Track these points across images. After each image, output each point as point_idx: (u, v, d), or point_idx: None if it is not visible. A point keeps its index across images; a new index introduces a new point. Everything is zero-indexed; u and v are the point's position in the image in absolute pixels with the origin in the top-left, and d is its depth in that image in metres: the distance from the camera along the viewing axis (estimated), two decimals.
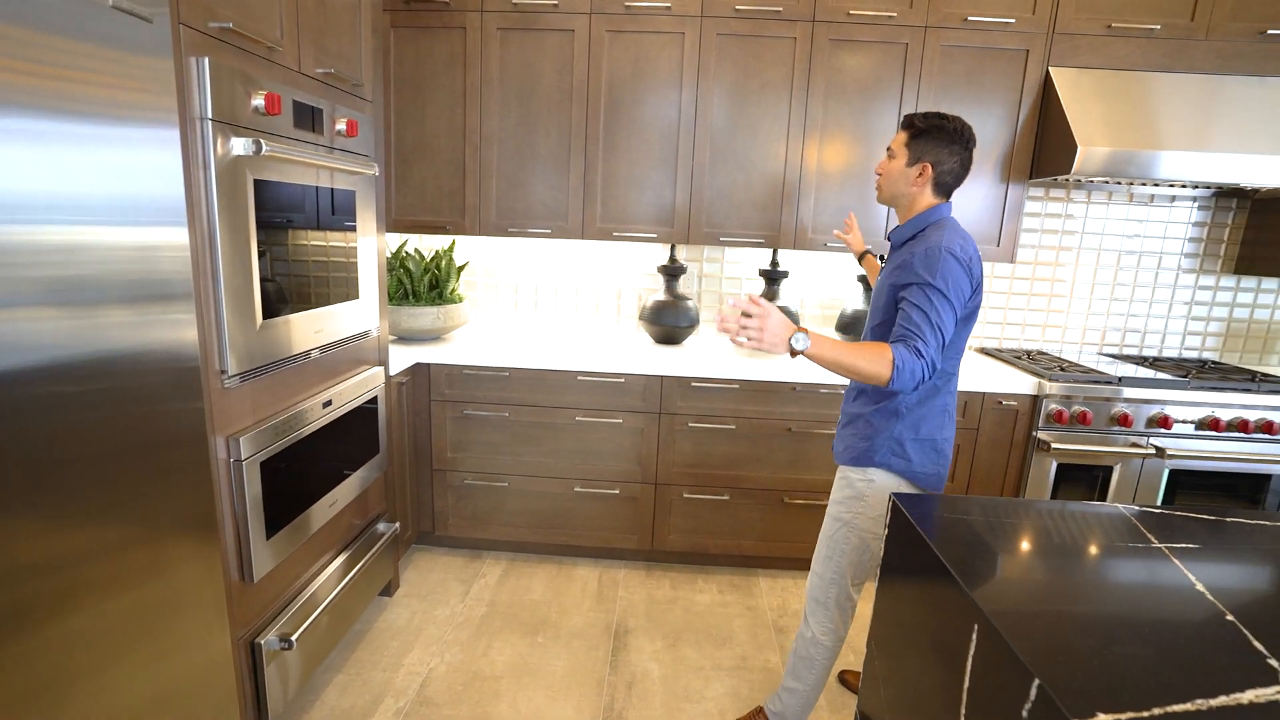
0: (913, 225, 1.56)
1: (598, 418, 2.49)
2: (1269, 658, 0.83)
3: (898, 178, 1.57)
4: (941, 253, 1.43)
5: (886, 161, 1.60)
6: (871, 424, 1.61)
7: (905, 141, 1.56)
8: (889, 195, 1.62)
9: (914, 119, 1.55)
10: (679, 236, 2.62)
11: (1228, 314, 2.91)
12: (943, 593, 1.04)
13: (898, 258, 1.54)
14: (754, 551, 2.60)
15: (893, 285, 1.51)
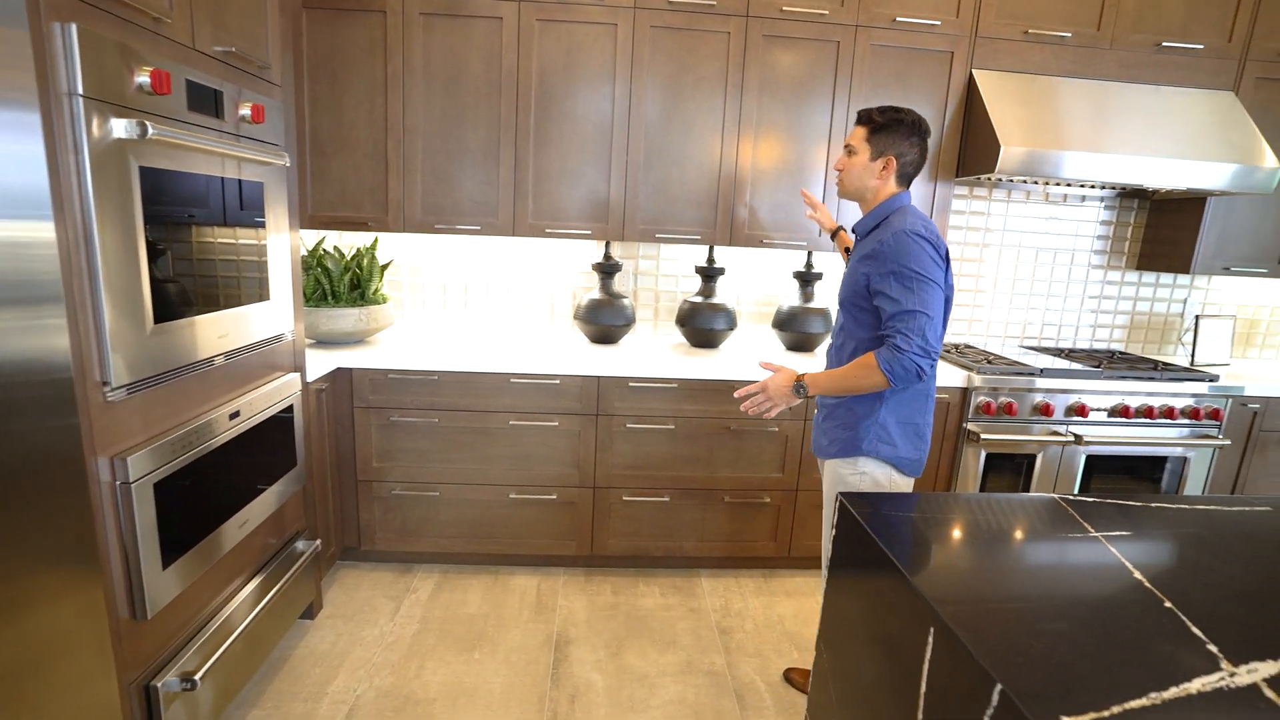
0: (875, 215, 1.60)
1: (533, 421, 2.40)
2: (1208, 643, 0.84)
3: (861, 172, 1.60)
4: (907, 236, 1.47)
5: (847, 158, 1.62)
6: (854, 411, 1.62)
7: (865, 137, 1.58)
8: (853, 190, 1.64)
9: (871, 114, 1.58)
10: (614, 234, 2.56)
11: (1131, 307, 3.09)
12: (895, 594, 1.02)
13: (865, 247, 1.58)
14: (696, 553, 2.57)
15: (865, 274, 1.54)
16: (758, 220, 2.59)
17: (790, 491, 2.54)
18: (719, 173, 2.53)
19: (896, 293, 1.46)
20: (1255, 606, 0.95)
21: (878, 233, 1.55)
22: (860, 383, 1.51)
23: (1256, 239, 2.74)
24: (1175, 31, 2.53)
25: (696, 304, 2.70)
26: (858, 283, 1.57)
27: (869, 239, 1.58)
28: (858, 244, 1.65)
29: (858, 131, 1.61)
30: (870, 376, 1.49)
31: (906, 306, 1.45)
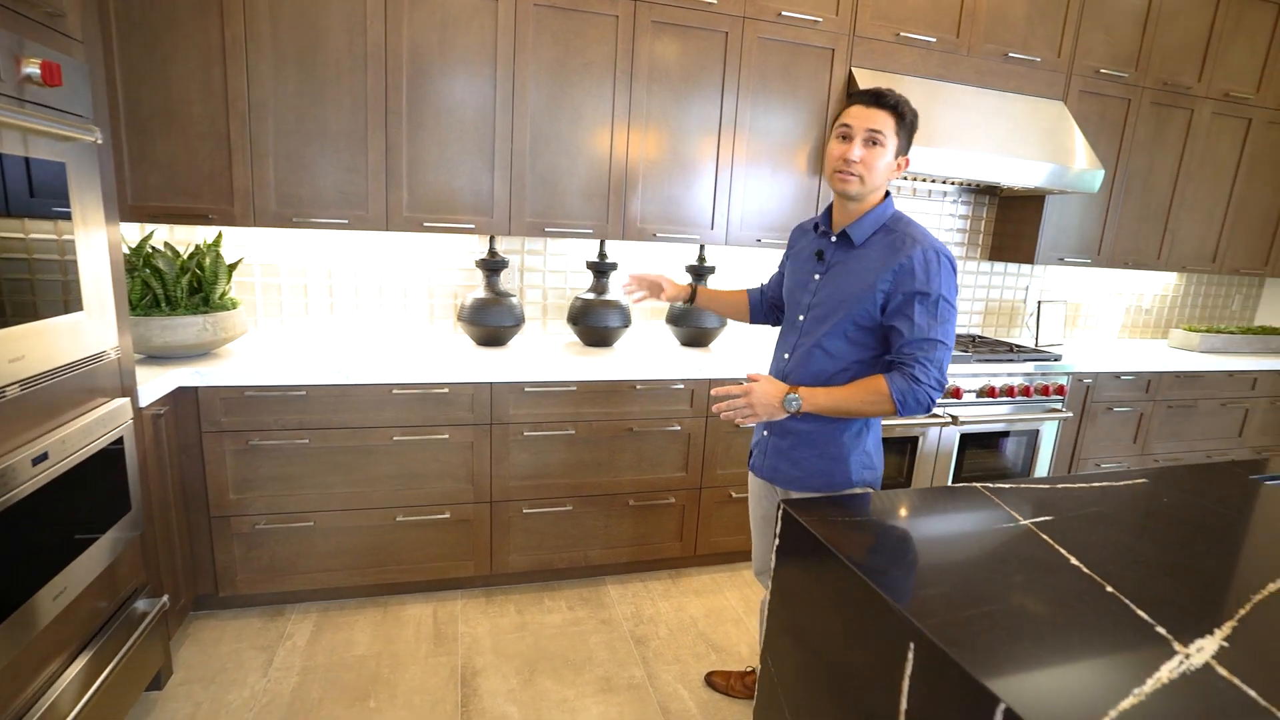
0: (874, 219, 1.40)
1: (420, 435, 2.17)
2: (1156, 626, 0.88)
3: (884, 170, 1.36)
4: (938, 257, 1.32)
5: (870, 149, 1.34)
6: (841, 443, 1.46)
7: (896, 129, 1.35)
8: (868, 189, 1.37)
9: (897, 103, 1.34)
10: (500, 228, 2.37)
11: (985, 294, 3.39)
12: (861, 608, 0.98)
13: (870, 255, 1.38)
14: (601, 560, 2.47)
15: (884, 292, 1.35)
16: (650, 214, 2.51)
17: (694, 490, 2.51)
18: (610, 164, 2.43)
19: (921, 318, 1.31)
20: (1176, 581, 1.01)
21: (883, 240, 1.38)
22: (863, 408, 1.35)
23: (1082, 233, 3.08)
24: (1018, 44, 2.77)
25: (589, 301, 2.58)
26: (866, 298, 1.36)
27: (869, 246, 1.39)
28: (847, 249, 1.43)
29: (885, 119, 1.33)
30: (878, 404, 1.33)
31: (930, 335, 1.31)
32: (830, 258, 1.46)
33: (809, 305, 1.48)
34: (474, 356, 2.31)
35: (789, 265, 1.63)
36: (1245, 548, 1.16)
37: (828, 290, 1.44)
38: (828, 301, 1.43)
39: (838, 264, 1.44)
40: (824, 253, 1.47)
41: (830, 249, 1.46)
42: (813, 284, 1.48)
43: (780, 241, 2.65)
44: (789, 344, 1.53)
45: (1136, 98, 2.98)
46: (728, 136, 2.51)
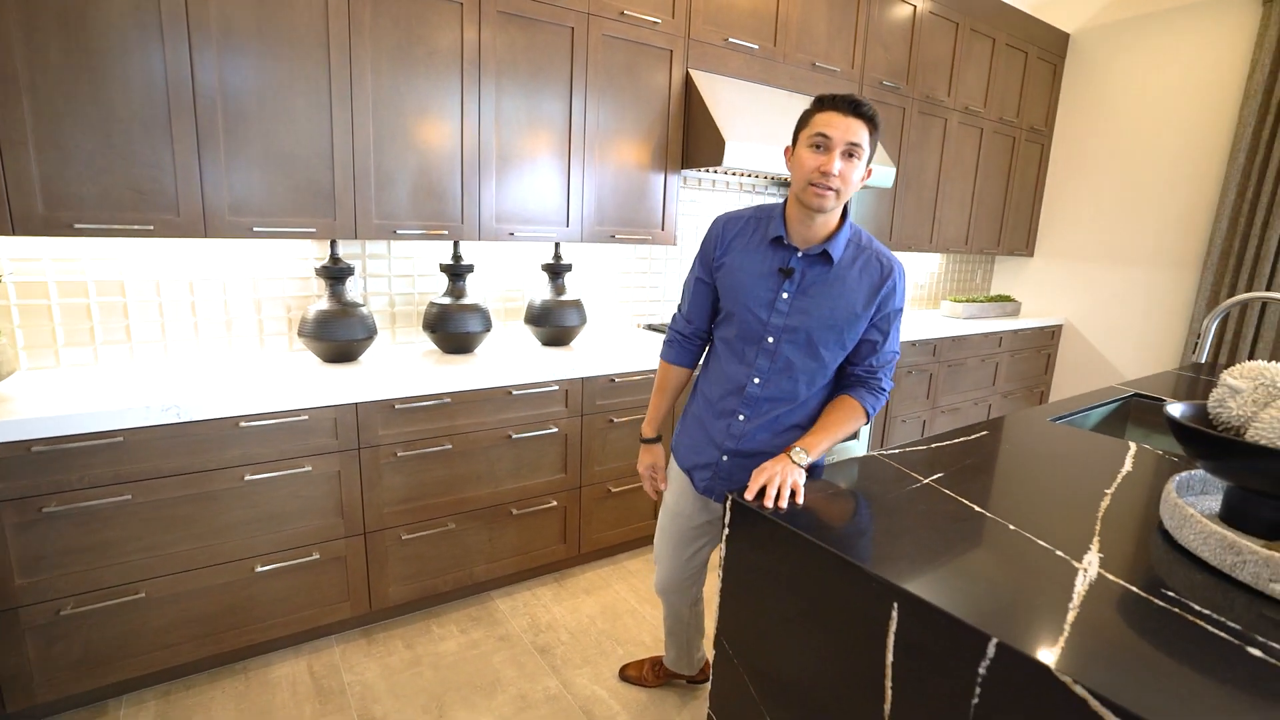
0: (845, 237, 1.38)
1: (278, 470, 1.90)
2: (1055, 550, 1.08)
3: (858, 185, 1.32)
4: (901, 274, 1.40)
5: (848, 163, 1.28)
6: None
7: (869, 140, 1.29)
8: (841, 203, 1.33)
9: (873, 114, 1.28)
10: (344, 231, 2.14)
11: None
12: (834, 580, 1.06)
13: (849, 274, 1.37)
14: (487, 575, 2.36)
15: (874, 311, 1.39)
16: (506, 212, 2.43)
17: (575, 490, 2.50)
18: (462, 161, 2.30)
19: (894, 334, 1.42)
20: (1048, 511, 1.24)
21: (856, 260, 1.38)
22: (849, 432, 1.42)
23: (877, 223, 3.57)
24: (822, 55, 3.11)
25: (446, 306, 2.43)
26: (859, 320, 1.38)
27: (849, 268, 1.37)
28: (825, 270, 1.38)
29: (863, 130, 1.27)
30: (857, 423, 1.42)
31: (893, 348, 1.44)
32: (804, 276, 1.38)
33: (781, 327, 1.39)
34: (326, 376, 2.06)
35: (736, 277, 1.45)
36: (1071, 473, 1.46)
37: (810, 311, 1.38)
38: (813, 325, 1.38)
39: (817, 284, 1.37)
40: (794, 270, 1.37)
41: (802, 265, 1.38)
42: (780, 301, 1.39)
43: (632, 236, 2.72)
44: (761, 365, 1.43)
45: (909, 107, 3.51)
46: (579, 133, 2.51)
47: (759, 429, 1.46)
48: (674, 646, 1.88)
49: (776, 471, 1.25)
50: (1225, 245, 3.66)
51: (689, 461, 1.58)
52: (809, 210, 1.33)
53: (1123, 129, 4.09)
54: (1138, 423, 2.24)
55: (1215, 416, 1.22)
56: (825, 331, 1.38)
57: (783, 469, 1.26)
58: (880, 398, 1.45)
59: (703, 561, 1.71)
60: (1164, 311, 3.99)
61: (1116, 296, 4.18)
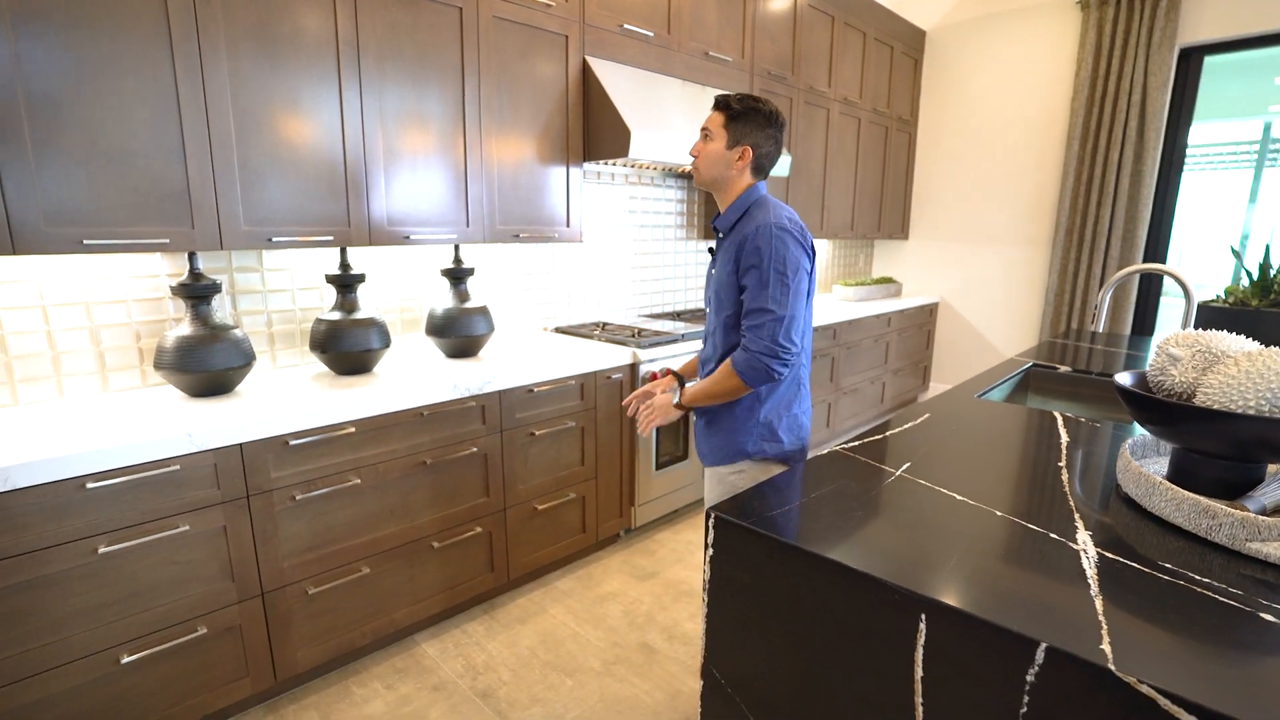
0: (736, 208, 1.55)
1: (141, 536, 1.56)
2: (1050, 534, 1.07)
3: (718, 160, 1.53)
4: (772, 231, 1.44)
5: (703, 144, 1.54)
6: (735, 417, 1.59)
7: (723, 123, 1.51)
8: (709, 178, 1.56)
9: (729, 100, 1.51)
10: (206, 240, 1.80)
11: (702, 270, 3.76)
12: (846, 595, 0.98)
13: (730, 243, 1.53)
14: (409, 619, 2.11)
15: (731, 272, 1.50)
16: (398, 213, 2.17)
17: (499, 513, 2.30)
18: (344, 155, 2.02)
19: (753, 289, 1.46)
20: (1023, 491, 1.24)
21: (741, 226, 1.51)
22: (725, 387, 1.52)
23: None
24: (714, 44, 3.08)
25: (337, 322, 2.14)
26: (724, 281, 1.53)
27: (733, 234, 1.53)
28: (721, 242, 1.58)
29: (715, 117, 1.53)
30: (731, 380, 1.50)
31: (757, 304, 1.46)
32: (716, 252, 1.60)
33: (709, 299, 1.63)
34: (197, 414, 1.73)
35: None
36: (1021, 449, 1.49)
37: (715, 282, 1.58)
38: (716, 293, 1.57)
39: (718, 256, 1.58)
40: (713, 249, 1.62)
41: (717, 244, 1.61)
42: (709, 280, 1.63)
43: (537, 234, 2.55)
44: (705, 335, 1.69)
45: (796, 97, 3.58)
46: (474, 124, 2.29)
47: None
48: None
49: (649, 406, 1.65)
50: (1069, 224, 4.07)
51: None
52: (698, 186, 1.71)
53: (977, 119, 4.43)
54: (1036, 390, 2.39)
55: (1159, 384, 1.28)
56: (720, 295, 1.56)
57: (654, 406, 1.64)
58: (746, 357, 1.47)
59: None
60: (1023, 285, 4.38)
61: (983, 273, 4.55)
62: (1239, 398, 1.11)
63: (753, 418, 1.59)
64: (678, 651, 2.13)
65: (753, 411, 1.59)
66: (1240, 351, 1.19)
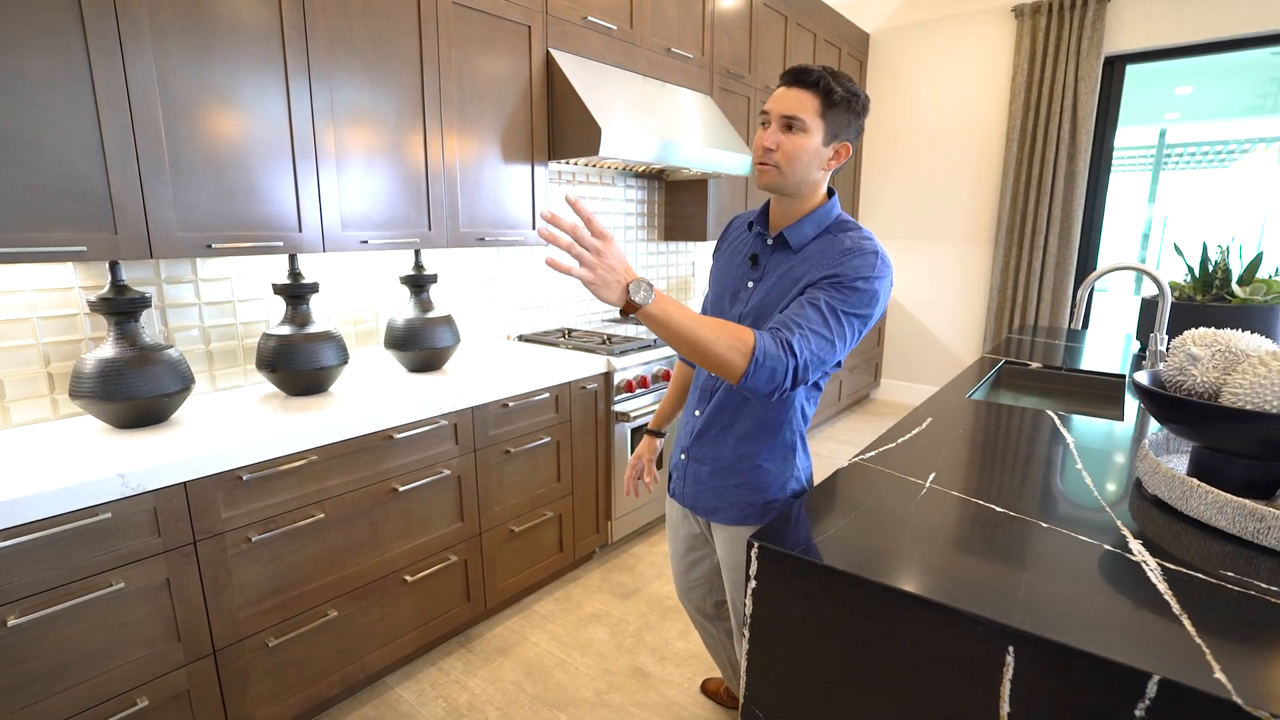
0: (814, 223, 1.24)
1: (65, 600, 1.32)
2: (1103, 545, 1.03)
3: (810, 160, 1.18)
4: (869, 254, 1.16)
5: (789, 136, 1.17)
6: (767, 471, 1.32)
7: (820, 111, 1.16)
8: (792, 181, 1.20)
9: (828, 82, 1.16)
10: (131, 248, 1.57)
11: (665, 272, 3.67)
12: (917, 629, 0.91)
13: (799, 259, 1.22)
14: (381, 662, 1.92)
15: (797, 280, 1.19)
16: (354, 216, 1.98)
17: (474, 538, 2.13)
18: (293, 152, 1.81)
19: (832, 299, 1.14)
20: (1053, 494, 1.21)
21: (820, 246, 1.22)
22: (713, 340, 1.05)
23: (732, 210, 3.57)
24: (675, 40, 2.99)
25: (288, 337, 1.92)
26: (777, 303, 1.22)
27: (804, 251, 1.23)
28: (786, 257, 1.26)
29: (805, 101, 1.16)
30: (730, 348, 1.06)
31: (830, 321, 1.13)
32: (765, 263, 1.28)
33: (740, 316, 1.29)
34: (129, 450, 1.49)
35: (716, 267, 1.42)
36: (1034, 452, 1.47)
37: (761, 297, 1.26)
38: (763, 308, 1.25)
39: (773, 270, 1.26)
40: (759, 257, 1.30)
41: (766, 253, 1.29)
42: (745, 292, 1.30)
43: (503, 237, 2.39)
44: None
45: (753, 96, 3.54)
46: (435, 118, 2.12)
47: (710, 427, 1.36)
48: (720, 664, 1.74)
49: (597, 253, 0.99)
50: (1010, 222, 4.22)
51: (672, 460, 1.50)
52: (775, 195, 1.27)
53: (920, 121, 4.54)
54: (1009, 386, 2.43)
55: (1179, 384, 1.28)
56: (765, 306, 1.26)
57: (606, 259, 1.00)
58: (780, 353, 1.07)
59: (705, 573, 1.57)
60: (968, 282, 4.52)
61: (929, 271, 4.66)
62: (1273, 398, 1.10)
63: (789, 469, 1.33)
64: (672, 674, 2.03)
65: (788, 463, 1.33)
66: (1265, 350, 1.19)
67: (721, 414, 1.34)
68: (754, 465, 1.33)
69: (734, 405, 1.33)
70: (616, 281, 1.01)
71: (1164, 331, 1.81)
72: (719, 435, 1.35)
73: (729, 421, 1.33)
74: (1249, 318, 2.28)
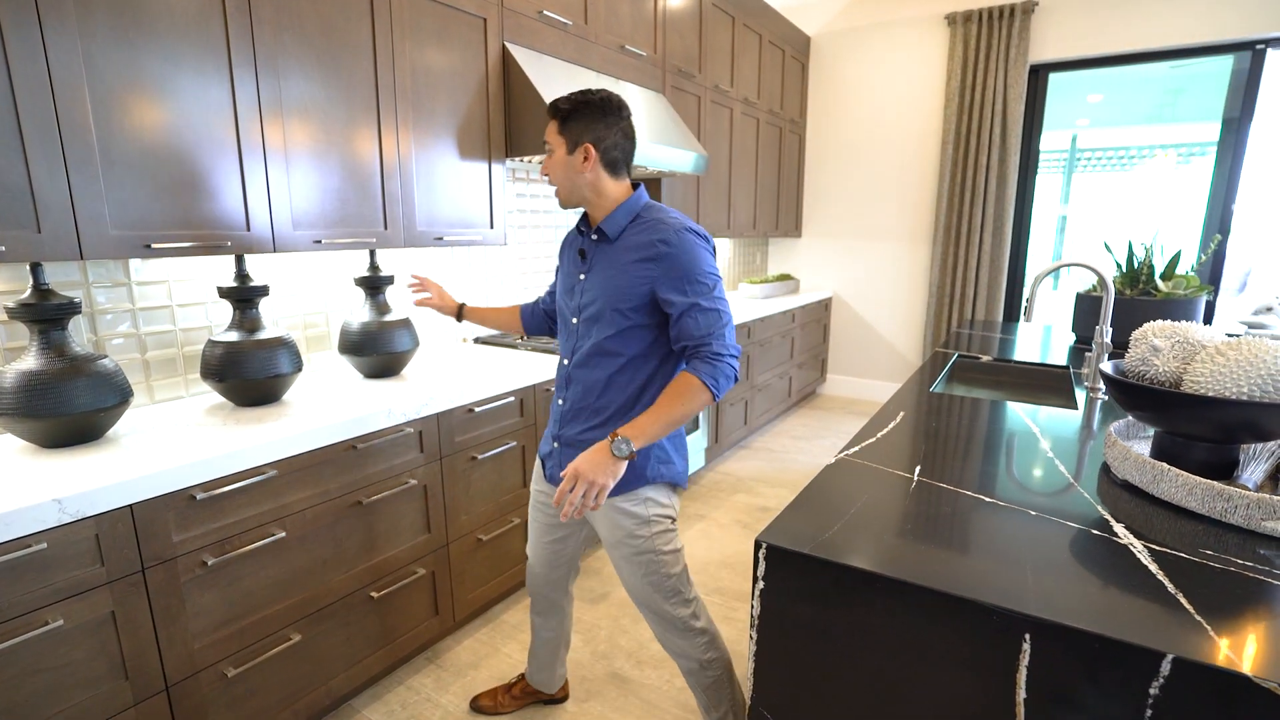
0: (625, 213, 1.42)
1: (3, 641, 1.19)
2: (1092, 530, 1.08)
3: (565, 170, 1.40)
4: (691, 236, 1.36)
5: (546, 160, 1.43)
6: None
7: (558, 130, 1.40)
8: (569, 193, 1.43)
9: (558, 104, 1.39)
10: (59, 248, 1.42)
11: None
12: (929, 622, 0.92)
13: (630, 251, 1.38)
14: (348, 685, 1.82)
15: (648, 279, 1.35)
16: (305, 215, 1.86)
17: (442, 549, 2.05)
18: (240, 146, 1.69)
19: (691, 294, 1.33)
20: (1032, 482, 1.26)
21: (639, 232, 1.38)
22: (687, 410, 1.30)
23: (685, 210, 3.58)
24: (628, 37, 2.97)
25: (236, 344, 1.78)
26: (635, 290, 1.36)
27: (622, 240, 1.40)
28: (603, 243, 1.43)
29: (550, 127, 1.42)
30: (696, 397, 1.30)
31: (709, 310, 1.33)
32: (591, 256, 1.45)
33: (580, 307, 1.46)
34: (62, 472, 1.35)
35: (560, 270, 1.58)
36: (1006, 440, 1.53)
37: (594, 289, 1.42)
38: (596, 300, 1.41)
39: (599, 260, 1.43)
40: (585, 251, 1.47)
41: (591, 247, 1.46)
42: (579, 285, 1.46)
43: (462, 237, 2.31)
44: (567, 349, 1.50)
45: (704, 95, 3.56)
46: (389, 111, 2.02)
47: (574, 413, 1.47)
48: (539, 657, 1.82)
49: (580, 476, 1.26)
50: (947, 222, 4.40)
51: (542, 448, 1.60)
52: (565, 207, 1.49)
53: (861, 123, 4.68)
54: (960, 379, 2.53)
55: (1141, 373, 1.35)
56: (606, 303, 1.39)
57: (588, 478, 1.25)
58: (718, 365, 1.31)
59: (570, 554, 1.68)
60: (909, 279, 4.69)
61: (871, 269, 4.82)
62: (1232, 385, 1.18)
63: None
64: (650, 677, 2.01)
65: None
66: (1221, 341, 1.27)
67: (586, 397, 1.45)
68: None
69: (596, 388, 1.44)
70: (607, 465, 1.26)
71: (1108, 324, 1.92)
72: (587, 417, 1.46)
73: (593, 403, 1.45)
74: (1173, 310, 2.45)
